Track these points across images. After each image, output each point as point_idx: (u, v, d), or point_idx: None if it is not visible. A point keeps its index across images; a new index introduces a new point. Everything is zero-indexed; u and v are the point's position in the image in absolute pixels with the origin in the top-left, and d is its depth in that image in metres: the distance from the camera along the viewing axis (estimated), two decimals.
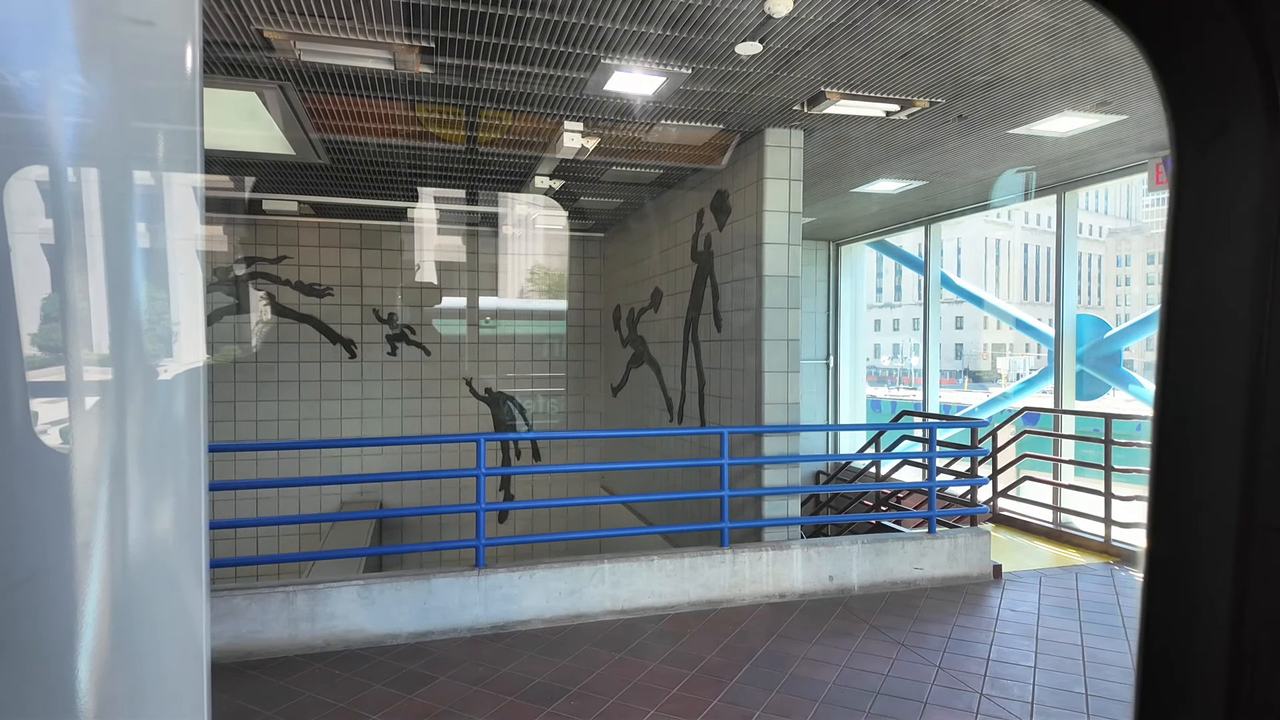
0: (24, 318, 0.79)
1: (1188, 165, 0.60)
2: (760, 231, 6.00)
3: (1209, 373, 0.59)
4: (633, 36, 4.20)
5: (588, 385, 11.42)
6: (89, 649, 0.77)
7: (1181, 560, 0.60)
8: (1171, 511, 0.61)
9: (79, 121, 0.89)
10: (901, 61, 4.56)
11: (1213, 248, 0.59)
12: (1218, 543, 0.58)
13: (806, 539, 5.92)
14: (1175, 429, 0.61)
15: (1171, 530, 0.61)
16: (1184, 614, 0.60)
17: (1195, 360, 0.60)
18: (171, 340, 0.98)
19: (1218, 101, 0.58)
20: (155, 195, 0.97)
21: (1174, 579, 0.61)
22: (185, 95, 0.96)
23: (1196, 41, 0.59)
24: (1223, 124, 0.58)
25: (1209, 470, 0.59)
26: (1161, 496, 0.62)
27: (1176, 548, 0.61)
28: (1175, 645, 0.61)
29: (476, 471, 5.01)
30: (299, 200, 9.09)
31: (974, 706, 3.91)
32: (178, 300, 0.98)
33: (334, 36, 4.07)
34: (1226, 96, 0.58)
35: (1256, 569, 0.56)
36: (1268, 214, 0.55)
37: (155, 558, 0.90)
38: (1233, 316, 0.57)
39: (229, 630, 4.40)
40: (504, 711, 3.81)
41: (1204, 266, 0.59)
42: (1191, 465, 0.60)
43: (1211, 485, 0.58)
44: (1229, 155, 0.57)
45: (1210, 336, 0.59)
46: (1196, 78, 0.60)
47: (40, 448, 0.80)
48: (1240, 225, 0.57)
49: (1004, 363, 53.68)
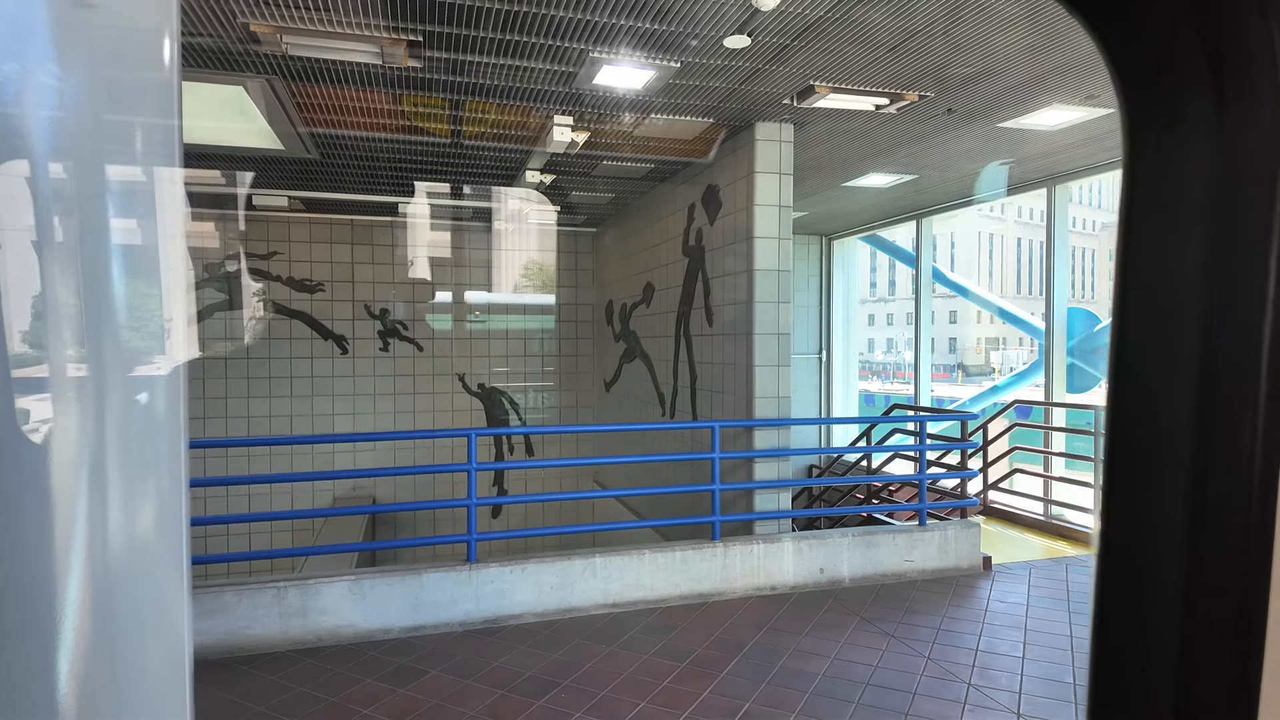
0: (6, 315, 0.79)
1: (1140, 158, 0.61)
2: (751, 226, 6.00)
3: (1161, 364, 0.60)
4: (620, 30, 4.20)
5: (580, 380, 11.42)
6: (69, 647, 0.77)
7: (1136, 545, 0.62)
8: (1126, 498, 0.62)
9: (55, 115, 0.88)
10: (890, 55, 4.57)
11: (1164, 240, 0.60)
12: (1169, 530, 0.59)
13: (797, 532, 5.95)
14: (1129, 420, 0.62)
15: (1126, 516, 0.62)
16: (1138, 596, 0.61)
17: (1148, 352, 0.61)
18: (152, 336, 0.97)
19: (1169, 94, 0.59)
20: (133, 189, 0.96)
21: (1128, 563, 0.62)
22: (163, 88, 0.96)
23: (1148, 33, 0.60)
24: (1175, 117, 0.59)
25: (1161, 457, 0.60)
26: (1116, 483, 0.63)
27: (1130, 536, 0.62)
28: (1129, 627, 0.62)
29: (467, 466, 5.02)
30: (289, 195, 9.05)
31: (962, 697, 3.94)
32: (157, 295, 0.98)
33: (320, 30, 4.05)
34: (1178, 89, 0.58)
35: (1206, 554, 0.57)
36: (1218, 206, 0.56)
37: (136, 555, 0.90)
38: (1184, 308, 0.58)
39: (220, 626, 4.40)
40: (495, 705, 3.82)
41: (1156, 259, 0.60)
42: (1145, 453, 0.61)
43: (1164, 471, 0.59)
44: (1183, 147, 0.58)
45: (1162, 329, 0.60)
46: (1148, 70, 0.61)
47: (17, 444, 0.80)
48: (1191, 217, 0.58)
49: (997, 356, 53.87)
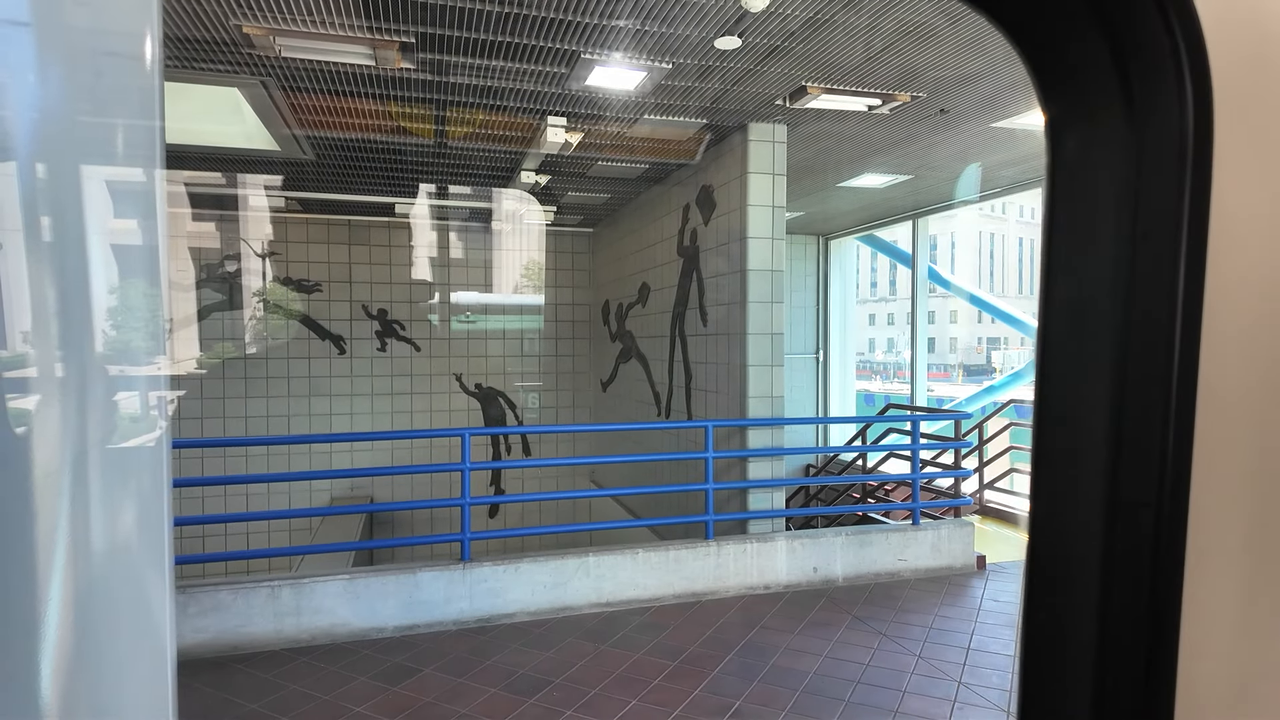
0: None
1: (1057, 159, 0.63)
2: (744, 226, 6.02)
3: (1080, 358, 0.62)
4: (611, 31, 4.22)
5: (577, 380, 11.44)
6: (51, 649, 0.78)
7: (1058, 537, 0.64)
8: (1050, 492, 0.65)
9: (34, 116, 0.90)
10: (881, 55, 4.59)
11: (1081, 241, 0.62)
12: (1088, 519, 0.61)
13: (791, 531, 5.97)
14: (1052, 416, 0.64)
15: (1049, 510, 0.65)
16: (1061, 584, 0.64)
17: (1069, 346, 0.63)
18: (134, 336, 0.99)
19: (1081, 95, 0.61)
20: (114, 190, 0.98)
21: (1052, 554, 0.64)
22: (145, 88, 0.97)
23: (1059, 37, 0.62)
24: (1087, 116, 0.61)
25: (1080, 452, 0.62)
26: (1041, 478, 0.65)
27: (1054, 526, 0.64)
28: (1053, 614, 0.64)
29: (462, 466, 5.04)
30: (286, 196, 9.08)
31: (952, 695, 3.96)
32: (139, 296, 1.00)
33: (313, 32, 4.08)
34: (1088, 90, 0.61)
35: (1119, 538, 0.60)
36: (1127, 205, 0.58)
37: (118, 556, 0.91)
38: (1099, 304, 0.60)
39: (214, 625, 4.42)
40: (488, 703, 3.84)
41: (1074, 260, 0.62)
42: (1066, 447, 0.64)
43: (1083, 466, 0.62)
44: (1092, 147, 0.60)
45: (1081, 323, 0.62)
46: (1061, 72, 0.63)
47: (3, 444, 0.81)
48: (1103, 217, 0.60)
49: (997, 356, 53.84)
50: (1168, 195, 0.57)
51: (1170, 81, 0.56)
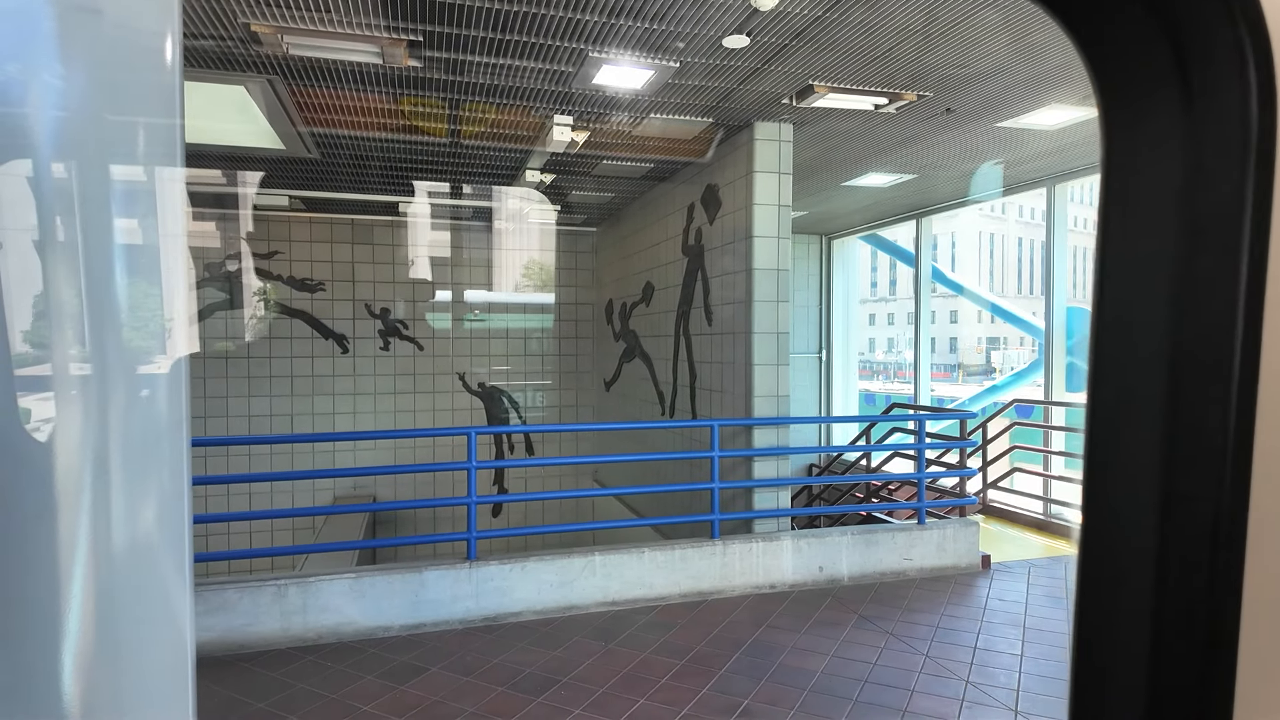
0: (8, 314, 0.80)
1: (1114, 152, 0.63)
2: (750, 225, 6.02)
3: (1134, 352, 0.61)
4: (619, 30, 4.21)
5: (580, 379, 11.44)
6: (73, 645, 0.78)
7: (1111, 532, 0.63)
8: (1102, 487, 0.64)
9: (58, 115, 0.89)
10: (888, 55, 4.58)
11: (1137, 234, 0.61)
12: (1142, 513, 0.61)
13: (796, 530, 5.96)
14: (1106, 408, 0.64)
15: (1102, 504, 0.64)
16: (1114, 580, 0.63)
17: (1123, 340, 0.62)
18: (153, 335, 0.98)
19: (1139, 89, 0.61)
20: (136, 189, 0.97)
21: (1104, 549, 0.64)
22: (165, 88, 0.96)
23: (1118, 30, 0.62)
24: (1144, 111, 0.60)
25: (1134, 446, 0.62)
26: (1093, 472, 0.65)
27: (1107, 520, 0.64)
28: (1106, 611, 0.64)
29: (467, 465, 5.03)
30: (290, 195, 9.06)
31: (961, 694, 3.95)
32: (159, 295, 0.99)
33: (321, 30, 4.07)
34: (1146, 84, 0.60)
35: (1175, 536, 0.59)
36: (1185, 199, 0.58)
37: (139, 553, 0.91)
38: (1155, 298, 0.60)
39: (221, 623, 4.41)
40: (495, 702, 3.84)
41: (1129, 252, 0.62)
42: (1119, 441, 0.63)
43: (1137, 460, 0.61)
44: (1150, 142, 0.60)
45: (1136, 318, 0.61)
46: (1119, 66, 0.62)
47: (21, 442, 0.81)
48: (1161, 211, 0.59)
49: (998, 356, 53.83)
50: (1230, 190, 0.56)
51: (1233, 76, 0.56)
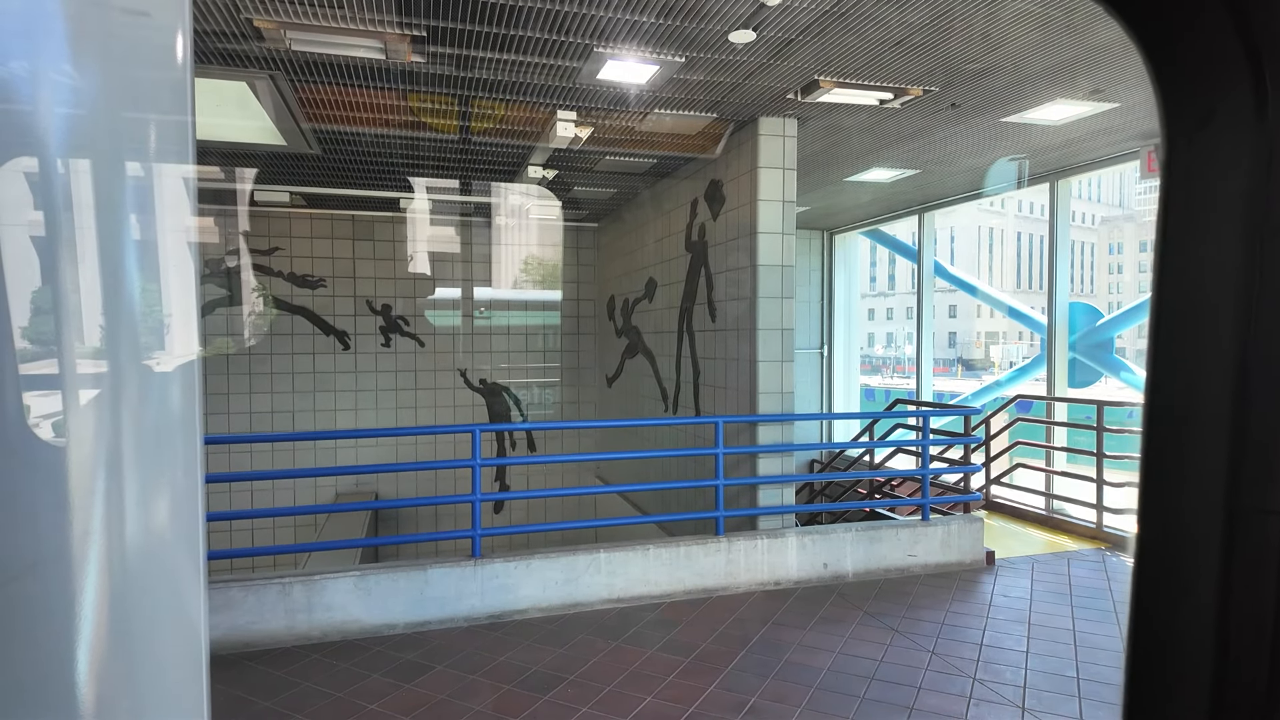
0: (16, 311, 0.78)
1: (1177, 153, 0.61)
2: (754, 221, 5.99)
3: (1197, 360, 0.60)
4: (625, 24, 4.18)
5: (583, 376, 11.42)
6: (87, 643, 0.77)
7: (1171, 544, 0.61)
8: (1161, 496, 0.62)
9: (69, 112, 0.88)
10: (895, 49, 4.55)
11: (1200, 236, 0.59)
12: (1206, 526, 0.58)
13: (801, 527, 5.95)
14: (1165, 415, 0.62)
15: (1161, 515, 0.62)
16: (1173, 594, 0.61)
17: (1184, 347, 0.61)
18: (165, 332, 0.97)
19: (1206, 90, 0.59)
20: (147, 186, 0.95)
21: (1163, 562, 0.62)
22: (176, 85, 0.95)
23: (1186, 30, 0.60)
24: (1211, 112, 0.58)
25: (1197, 455, 0.59)
26: (1151, 482, 0.62)
27: (1166, 531, 0.62)
28: (1164, 626, 0.62)
29: (471, 462, 5.02)
30: (291, 191, 9.03)
31: (967, 691, 3.94)
32: (171, 292, 0.97)
33: (324, 25, 4.04)
34: (1215, 85, 0.58)
35: (1242, 550, 0.56)
36: (1254, 202, 0.56)
37: (153, 551, 0.89)
38: (1220, 303, 0.58)
39: (226, 621, 4.40)
40: (501, 700, 3.83)
41: (1192, 254, 0.60)
42: (1181, 451, 0.61)
43: (1200, 470, 0.59)
44: (1217, 144, 0.58)
45: (1198, 324, 0.59)
46: (1186, 66, 0.60)
47: (35, 441, 0.79)
48: (1227, 213, 0.58)
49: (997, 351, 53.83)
50: None
51: None
